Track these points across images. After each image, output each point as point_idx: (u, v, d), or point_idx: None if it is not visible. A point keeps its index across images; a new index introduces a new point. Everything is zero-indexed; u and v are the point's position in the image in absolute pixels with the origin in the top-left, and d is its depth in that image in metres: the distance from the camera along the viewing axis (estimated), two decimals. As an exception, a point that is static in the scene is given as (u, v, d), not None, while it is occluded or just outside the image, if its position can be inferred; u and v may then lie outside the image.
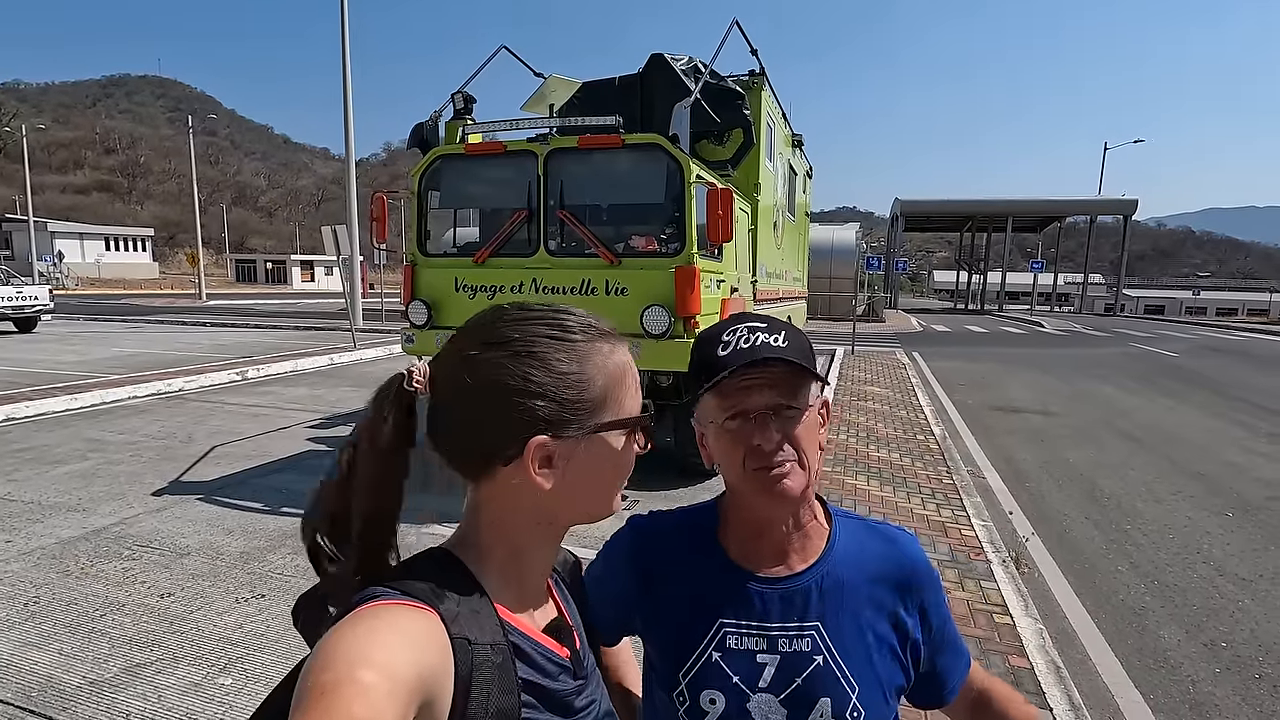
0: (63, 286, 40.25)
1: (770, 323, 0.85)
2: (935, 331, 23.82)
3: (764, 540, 0.88)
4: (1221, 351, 17.78)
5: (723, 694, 0.83)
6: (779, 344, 0.81)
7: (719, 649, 0.85)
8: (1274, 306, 51.62)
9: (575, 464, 0.65)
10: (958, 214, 44.86)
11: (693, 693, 0.84)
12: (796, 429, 0.81)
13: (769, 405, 0.81)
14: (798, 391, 0.82)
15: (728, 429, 0.82)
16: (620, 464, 0.68)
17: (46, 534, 4.10)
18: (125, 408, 7.82)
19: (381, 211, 5.62)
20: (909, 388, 9.97)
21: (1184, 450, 7.04)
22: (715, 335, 0.85)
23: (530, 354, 0.64)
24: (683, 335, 4.60)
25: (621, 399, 0.67)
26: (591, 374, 0.66)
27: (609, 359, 0.67)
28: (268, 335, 16.15)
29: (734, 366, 0.79)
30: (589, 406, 0.65)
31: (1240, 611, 3.63)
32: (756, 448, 0.80)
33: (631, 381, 0.69)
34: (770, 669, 0.84)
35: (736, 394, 0.81)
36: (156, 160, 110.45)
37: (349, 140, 17.79)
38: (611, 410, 0.66)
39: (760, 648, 0.84)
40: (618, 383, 0.67)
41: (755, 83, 6.58)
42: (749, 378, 0.81)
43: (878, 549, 0.90)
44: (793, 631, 0.85)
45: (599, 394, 0.66)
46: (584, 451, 0.65)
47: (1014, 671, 2.78)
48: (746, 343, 0.82)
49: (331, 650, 0.52)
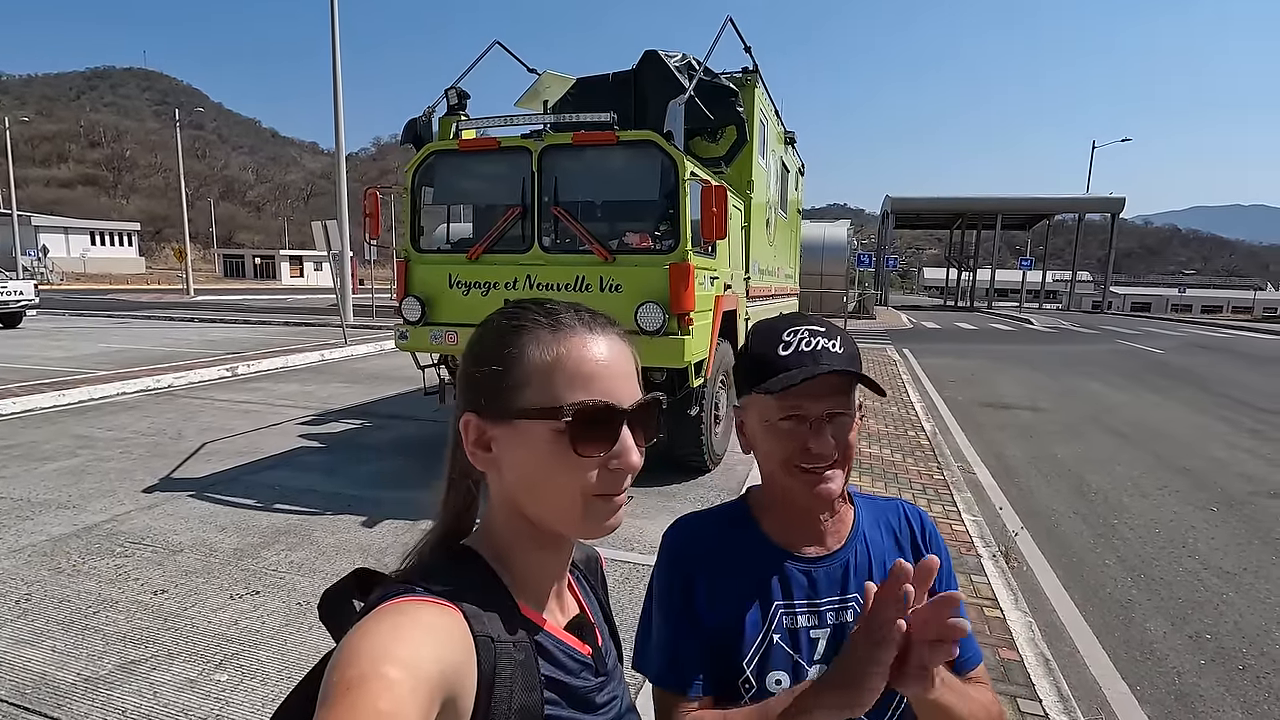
0: (47, 281, 39.77)
1: (827, 327, 0.88)
2: (925, 328, 23.97)
3: (803, 525, 0.93)
4: (1207, 348, 17.98)
5: (786, 673, 0.88)
6: (837, 350, 0.85)
7: (778, 630, 0.89)
8: (1258, 304, 52.25)
9: (508, 453, 0.63)
10: (947, 211, 45.11)
11: (758, 678, 0.88)
12: (847, 434, 0.86)
13: (827, 412, 0.84)
14: (850, 397, 0.86)
15: (781, 427, 0.85)
16: (556, 465, 0.61)
17: (37, 531, 4.07)
18: (114, 404, 7.76)
19: (374, 207, 5.60)
20: (899, 384, 10.04)
21: (1170, 446, 7.13)
22: (775, 331, 0.87)
23: (489, 329, 0.66)
24: (676, 332, 4.62)
25: (554, 387, 0.61)
26: (523, 354, 0.62)
27: (554, 343, 0.62)
28: (257, 331, 16.03)
29: (799, 370, 0.83)
30: (510, 387, 0.62)
31: (1225, 604, 3.69)
32: (808, 451, 0.84)
33: (576, 371, 0.62)
34: (822, 642, 0.89)
35: (799, 397, 0.84)
36: (142, 154, 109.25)
37: (339, 134, 17.67)
38: (537, 397, 0.61)
39: (812, 623, 0.90)
40: (553, 368, 0.61)
41: (749, 80, 6.59)
42: (813, 384, 0.84)
43: (889, 518, 1.00)
44: (838, 604, 0.91)
45: (522, 375, 0.62)
46: (513, 439, 0.63)
47: (1004, 664, 2.82)
48: (808, 346, 0.84)
49: (357, 646, 0.52)
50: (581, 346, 0.63)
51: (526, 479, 0.63)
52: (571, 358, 0.62)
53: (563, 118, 5.00)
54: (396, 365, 10.95)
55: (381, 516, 4.43)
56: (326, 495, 4.83)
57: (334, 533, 4.14)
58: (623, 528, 1.04)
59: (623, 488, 0.64)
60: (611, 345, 0.65)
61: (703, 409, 5.16)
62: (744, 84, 6.47)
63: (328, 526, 4.25)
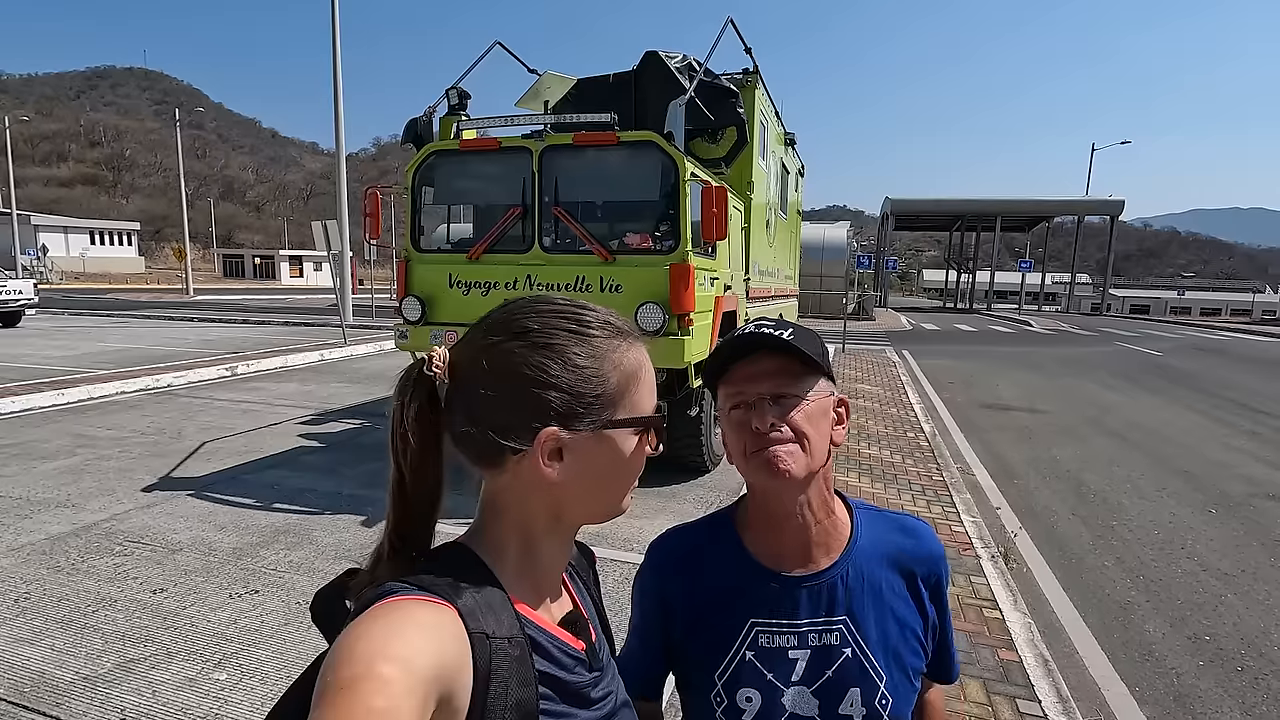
0: (47, 281, 39.75)
1: (780, 323, 0.88)
2: (925, 330, 23.98)
3: (785, 535, 0.89)
4: (1205, 351, 18.00)
5: (758, 691, 0.86)
6: (783, 336, 0.84)
7: (752, 648, 0.87)
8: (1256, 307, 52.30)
9: (585, 459, 0.65)
10: (947, 213, 45.14)
11: (729, 692, 0.87)
12: (794, 414, 0.83)
13: (767, 392, 0.83)
14: (798, 381, 0.84)
15: (733, 419, 0.85)
16: (630, 463, 0.67)
17: (36, 529, 4.07)
18: (114, 403, 7.75)
19: (374, 207, 5.61)
20: (899, 386, 10.04)
21: (1168, 447, 7.14)
22: (732, 333, 0.88)
23: (548, 345, 0.64)
24: (677, 332, 4.62)
25: (635, 397, 0.67)
26: (607, 370, 0.66)
27: (625, 356, 0.68)
28: (257, 331, 16.03)
29: (730, 354, 0.84)
30: (602, 402, 0.65)
31: (1223, 606, 3.70)
32: (755, 431, 0.82)
33: (646, 380, 0.69)
34: (801, 663, 0.86)
35: (739, 382, 0.85)
36: (142, 153, 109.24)
37: (339, 135, 17.68)
38: (625, 408, 0.66)
39: (791, 644, 0.87)
40: (632, 380, 0.67)
41: (749, 81, 6.60)
42: (751, 367, 0.84)
43: (898, 540, 0.92)
44: (821, 626, 0.87)
45: (613, 390, 0.66)
46: (594, 447, 0.65)
47: (1003, 665, 2.82)
48: (751, 336, 0.85)
49: (351, 646, 0.52)
50: (643, 355, 0.71)
51: (602, 479, 0.67)
52: (646, 368, 0.70)
53: (563, 118, 5.01)
54: (396, 365, 10.94)
55: (380, 516, 4.39)
56: (325, 495, 4.83)
57: (333, 532, 4.14)
58: (623, 527, 1.05)
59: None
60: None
61: (702, 410, 5.16)
62: (744, 85, 6.48)
63: (327, 526, 4.25)
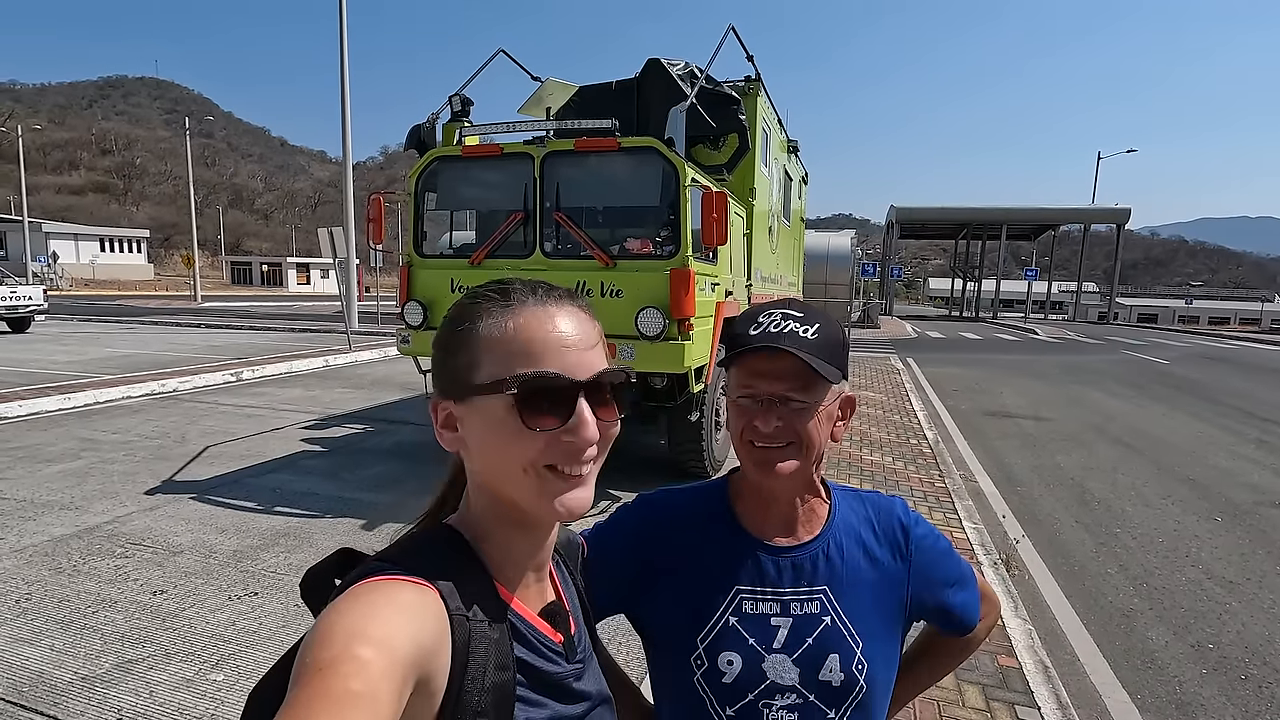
0: (57, 287, 40.11)
1: (808, 313, 0.87)
2: (929, 338, 23.91)
3: (772, 511, 0.93)
4: (1213, 359, 17.87)
5: (739, 655, 0.88)
6: (808, 336, 0.83)
7: (735, 614, 0.90)
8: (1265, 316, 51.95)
9: (471, 431, 0.63)
10: (953, 221, 45.04)
11: (710, 655, 0.89)
12: (800, 421, 0.84)
13: (777, 394, 0.83)
14: (811, 386, 0.84)
15: (739, 404, 0.87)
16: (508, 437, 0.61)
17: (39, 531, 4.09)
18: (119, 407, 7.80)
19: (378, 213, 5.64)
20: (903, 393, 10.01)
21: (1173, 455, 7.08)
22: (755, 312, 0.89)
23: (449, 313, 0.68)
24: (677, 337, 4.63)
25: (506, 361, 0.61)
26: (474, 338, 0.62)
27: (497, 321, 0.62)
28: (262, 337, 16.11)
29: (751, 346, 0.83)
30: (466, 366, 0.62)
31: (1227, 614, 3.66)
32: (756, 428, 0.84)
33: (519, 346, 0.61)
34: (783, 631, 0.89)
35: (753, 376, 0.85)
36: (152, 162, 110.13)
37: (346, 143, 17.80)
38: (490, 372, 0.61)
39: (774, 611, 0.90)
40: (504, 342, 0.61)
41: (751, 88, 6.62)
42: (768, 364, 0.84)
43: (866, 513, 0.97)
44: (803, 595, 0.90)
45: (476, 354, 0.62)
46: (473, 416, 0.63)
47: (1003, 671, 2.80)
48: (777, 328, 0.84)
49: (330, 626, 0.52)
50: (534, 319, 0.62)
51: (486, 455, 0.63)
52: (523, 331, 0.62)
53: (565, 124, 5.04)
54: (400, 371, 10.98)
55: (381, 520, 4.44)
56: (327, 498, 4.84)
57: (334, 535, 4.15)
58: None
59: (578, 462, 0.62)
60: (568, 318, 0.64)
61: (703, 414, 5.16)
62: (746, 92, 6.50)
63: (327, 529, 4.26)
